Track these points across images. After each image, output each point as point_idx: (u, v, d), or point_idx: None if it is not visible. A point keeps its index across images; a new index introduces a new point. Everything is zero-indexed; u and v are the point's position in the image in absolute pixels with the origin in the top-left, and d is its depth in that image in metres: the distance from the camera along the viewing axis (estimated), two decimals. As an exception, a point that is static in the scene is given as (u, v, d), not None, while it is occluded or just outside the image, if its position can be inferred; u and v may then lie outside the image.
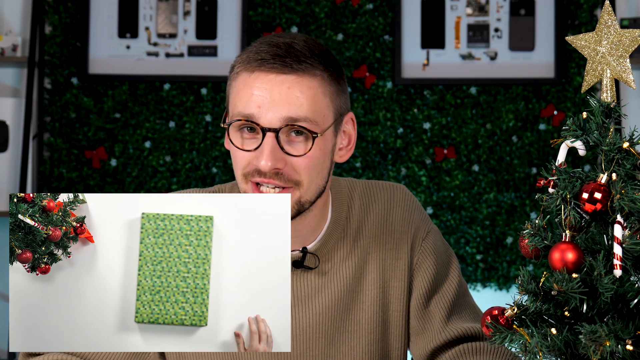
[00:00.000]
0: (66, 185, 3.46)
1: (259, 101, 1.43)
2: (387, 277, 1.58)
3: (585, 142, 1.15)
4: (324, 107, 1.46)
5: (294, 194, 1.45)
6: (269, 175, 1.43)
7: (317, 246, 1.56)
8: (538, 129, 3.45)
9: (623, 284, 1.10)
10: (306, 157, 1.44)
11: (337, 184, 1.61)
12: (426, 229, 1.62)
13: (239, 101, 1.45)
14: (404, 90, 3.49)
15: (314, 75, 1.45)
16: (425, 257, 1.60)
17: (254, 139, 1.44)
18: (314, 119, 1.44)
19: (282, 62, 1.43)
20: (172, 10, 3.52)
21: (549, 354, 1.12)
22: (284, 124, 1.42)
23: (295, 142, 1.44)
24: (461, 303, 1.61)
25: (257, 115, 1.42)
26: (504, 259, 3.45)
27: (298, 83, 1.43)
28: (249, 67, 1.45)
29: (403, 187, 1.65)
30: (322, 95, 1.46)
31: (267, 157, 1.41)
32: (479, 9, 3.51)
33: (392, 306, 1.59)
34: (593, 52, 1.17)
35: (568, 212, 1.12)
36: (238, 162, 1.46)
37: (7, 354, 3.42)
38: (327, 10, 3.49)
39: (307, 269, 1.55)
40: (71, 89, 3.48)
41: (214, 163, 3.48)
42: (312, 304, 1.55)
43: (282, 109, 1.42)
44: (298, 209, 1.46)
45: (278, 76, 1.43)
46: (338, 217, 1.58)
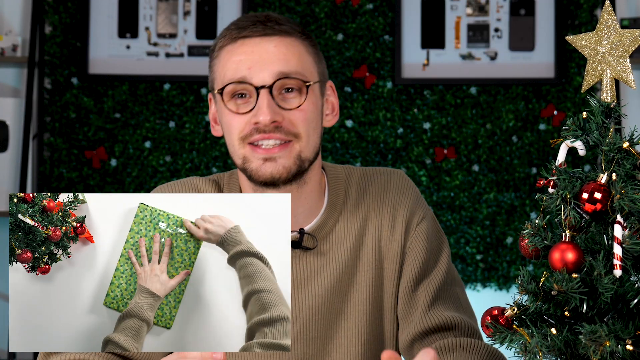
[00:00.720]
0: (66, 185, 3.46)
1: (248, 63, 1.47)
2: (381, 258, 1.59)
3: (585, 142, 1.15)
4: (310, 64, 1.52)
5: (294, 148, 1.48)
6: (268, 129, 1.46)
7: (314, 227, 1.56)
8: (538, 129, 3.45)
9: (623, 284, 1.10)
10: (301, 109, 1.48)
11: (334, 169, 1.63)
12: (422, 214, 1.62)
13: (227, 70, 1.49)
14: (404, 90, 3.49)
15: (295, 37, 1.51)
16: (417, 242, 1.60)
17: (246, 103, 1.48)
18: (303, 73, 1.49)
19: (263, 26, 1.49)
20: (172, 10, 3.52)
21: (549, 354, 1.12)
22: (276, 79, 1.46)
23: (288, 98, 1.49)
24: (447, 291, 1.60)
25: (249, 76, 1.47)
26: (504, 259, 3.45)
27: (282, 42, 1.49)
28: (231, 38, 1.50)
29: (400, 172, 1.66)
30: (307, 54, 1.52)
31: (266, 110, 1.45)
32: (479, 9, 3.51)
33: (386, 288, 1.59)
34: (593, 52, 1.17)
35: (568, 212, 1.12)
36: (234, 128, 1.50)
37: (7, 354, 3.42)
38: (327, 10, 3.49)
39: (305, 249, 1.55)
40: (71, 89, 3.48)
41: (214, 163, 3.48)
42: (312, 286, 1.55)
43: (272, 66, 1.47)
44: (299, 164, 1.49)
45: (262, 38, 1.49)
46: (335, 200, 1.59)
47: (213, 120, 1.59)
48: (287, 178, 1.49)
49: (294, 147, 1.48)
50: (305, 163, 1.50)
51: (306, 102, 1.49)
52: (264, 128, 1.46)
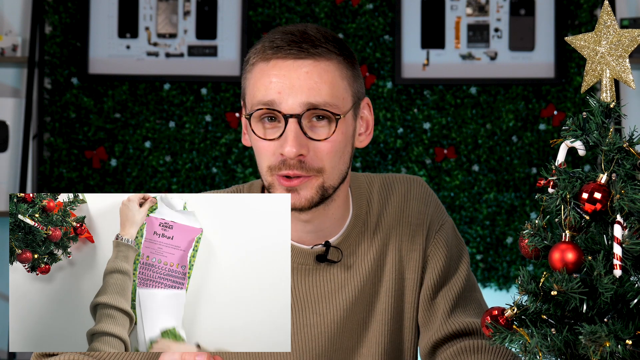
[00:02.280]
0: (66, 185, 3.46)
1: (278, 87, 1.43)
2: (402, 268, 1.59)
3: (585, 142, 1.15)
4: (343, 90, 1.47)
5: (315, 181, 1.45)
6: (292, 165, 1.43)
7: (339, 240, 1.56)
8: (538, 129, 3.45)
9: (623, 284, 1.10)
10: (329, 141, 1.45)
11: (355, 179, 1.62)
12: (440, 222, 1.63)
13: (257, 90, 1.45)
14: (404, 90, 3.49)
15: (330, 60, 1.46)
16: (437, 250, 1.60)
17: (275, 127, 1.45)
18: (334, 102, 1.45)
19: (298, 48, 1.44)
20: (172, 10, 3.52)
21: (548, 354, 1.12)
22: (305, 109, 1.43)
23: (318, 127, 1.45)
24: (467, 297, 1.61)
25: (277, 102, 1.43)
26: (504, 259, 3.45)
27: (316, 67, 1.44)
28: (265, 57, 1.46)
29: (420, 180, 1.66)
30: (340, 78, 1.46)
31: (292, 142, 1.42)
32: (479, 9, 3.51)
33: (406, 297, 1.59)
34: (592, 52, 1.17)
35: (568, 212, 1.12)
36: (262, 154, 1.47)
37: (7, 354, 3.42)
38: (327, 10, 3.49)
39: (330, 262, 1.55)
40: (71, 89, 3.48)
41: (213, 163, 3.48)
42: (337, 299, 1.55)
43: (302, 95, 1.43)
44: (322, 194, 1.47)
45: (295, 62, 1.44)
46: (359, 211, 1.59)
47: (245, 127, 1.55)
48: (310, 207, 1.47)
49: (317, 179, 1.46)
50: (329, 190, 1.48)
51: (335, 133, 1.45)
52: (289, 162, 1.43)
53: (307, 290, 1.55)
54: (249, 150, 3.47)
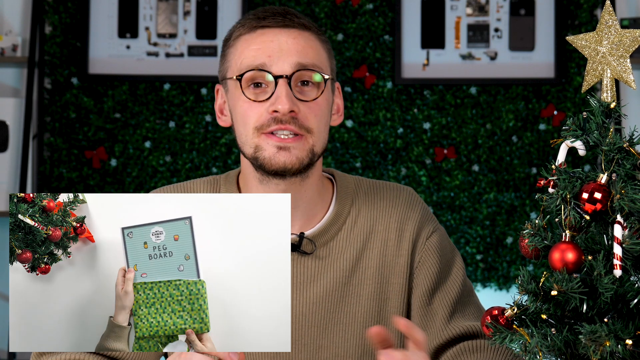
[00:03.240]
0: (66, 185, 3.46)
1: (268, 51, 1.48)
2: (386, 273, 1.58)
3: (585, 142, 1.15)
4: (325, 60, 1.54)
5: (306, 142, 1.49)
6: (285, 119, 1.46)
7: (315, 233, 1.57)
8: (538, 129, 3.45)
9: (623, 284, 1.10)
10: (317, 102, 1.50)
11: (344, 179, 1.63)
12: (431, 229, 1.63)
13: (245, 57, 1.50)
14: (404, 90, 3.49)
15: (311, 31, 1.53)
16: (428, 255, 1.60)
17: (263, 92, 1.49)
18: (320, 66, 1.51)
19: (283, 17, 1.51)
20: (172, 10, 3.53)
21: (548, 354, 1.12)
22: (295, 69, 1.48)
23: (305, 90, 1.50)
24: (465, 301, 1.61)
25: (268, 64, 1.48)
26: (504, 259, 3.45)
27: (301, 34, 1.51)
28: (250, 27, 1.51)
29: (410, 189, 1.67)
30: (322, 49, 1.54)
31: (285, 99, 1.46)
32: (479, 9, 3.51)
33: (391, 302, 1.58)
34: (593, 52, 1.17)
35: (568, 212, 1.12)
36: (249, 117, 1.49)
37: (7, 354, 3.42)
38: (327, 10, 3.49)
39: (302, 253, 1.55)
40: (71, 89, 3.48)
41: (214, 163, 3.48)
42: (307, 291, 1.55)
43: (291, 56, 1.48)
44: (310, 157, 1.50)
45: (282, 30, 1.50)
46: (341, 209, 1.59)
47: (219, 111, 1.60)
48: (298, 169, 1.50)
49: (307, 140, 1.49)
50: (316, 157, 1.51)
51: (322, 96, 1.50)
52: (282, 117, 1.46)
53: None
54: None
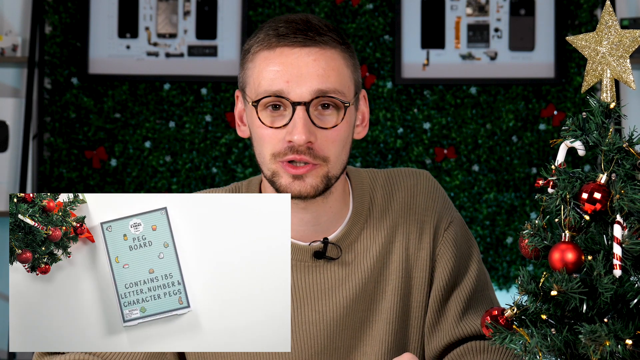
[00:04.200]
0: (66, 185, 3.46)
1: (286, 77, 1.42)
2: (409, 266, 1.56)
3: (584, 142, 1.15)
4: (347, 79, 1.47)
5: (321, 170, 1.45)
6: (301, 150, 1.42)
7: (338, 237, 1.54)
8: (538, 129, 3.45)
9: (623, 284, 1.10)
10: (336, 129, 1.44)
11: (357, 175, 1.60)
12: (449, 219, 1.60)
13: (263, 79, 1.44)
14: (404, 90, 3.49)
15: (335, 48, 1.46)
16: (446, 249, 1.57)
17: (281, 116, 1.44)
18: (342, 90, 1.45)
19: (304, 36, 1.43)
20: (172, 10, 3.53)
21: (548, 354, 1.12)
22: (314, 97, 1.42)
23: (325, 115, 1.45)
24: (479, 298, 1.58)
25: (286, 91, 1.42)
26: (504, 259, 3.45)
27: (322, 55, 1.44)
28: (270, 45, 1.44)
29: (427, 174, 1.63)
30: (345, 67, 1.47)
31: (302, 130, 1.41)
32: (479, 9, 3.51)
33: (413, 297, 1.56)
34: (593, 52, 1.17)
35: (568, 212, 1.12)
36: (266, 142, 1.45)
37: (7, 354, 3.42)
38: (327, 10, 3.49)
39: (328, 259, 1.53)
40: (71, 89, 3.48)
41: (214, 163, 3.48)
42: (336, 296, 1.53)
43: (311, 82, 1.42)
44: (326, 183, 1.46)
45: (302, 49, 1.43)
46: (360, 207, 1.57)
47: (239, 118, 1.54)
48: (314, 196, 1.47)
49: (322, 169, 1.45)
50: (333, 180, 1.48)
51: (342, 122, 1.45)
52: (298, 148, 1.42)
53: (305, 287, 1.53)
54: (249, 150, 3.47)
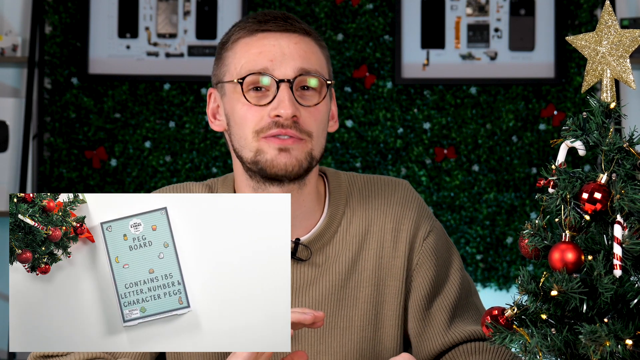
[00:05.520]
0: (66, 185, 3.46)
1: (269, 55, 1.47)
2: (382, 275, 1.56)
3: (585, 142, 1.15)
4: (324, 65, 1.53)
5: (305, 146, 1.48)
6: (286, 125, 1.45)
7: (310, 238, 1.54)
8: (538, 129, 3.45)
9: (623, 284, 1.10)
10: (317, 107, 1.49)
11: (336, 177, 1.60)
12: (428, 228, 1.59)
13: (245, 61, 1.48)
14: (404, 90, 3.49)
15: (311, 37, 1.52)
16: (425, 259, 1.57)
17: (264, 96, 1.47)
18: (321, 72, 1.50)
19: (284, 22, 1.50)
20: (172, 10, 3.53)
21: (548, 354, 1.12)
22: (298, 74, 1.46)
23: (306, 95, 1.49)
24: (464, 305, 1.58)
25: (270, 68, 1.46)
26: (504, 259, 3.45)
27: (303, 40, 1.50)
28: (250, 31, 1.50)
29: (405, 183, 1.63)
30: (322, 55, 1.53)
31: (288, 104, 1.45)
32: (479, 9, 3.51)
33: (387, 305, 1.56)
34: (593, 52, 1.17)
35: (568, 212, 1.12)
36: (249, 120, 1.48)
37: (7, 354, 3.42)
38: (327, 10, 3.49)
39: (298, 260, 1.54)
40: (71, 89, 3.48)
41: (213, 163, 3.48)
42: (303, 297, 1.53)
43: (294, 61, 1.47)
44: (309, 161, 1.49)
45: (283, 34, 1.49)
46: (335, 211, 1.57)
47: (212, 115, 1.57)
48: (298, 173, 1.48)
49: (306, 144, 1.48)
50: (314, 162, 1.50)
51: (323, 101, 1.49)
52: (284, 122, 1.45)
53: None
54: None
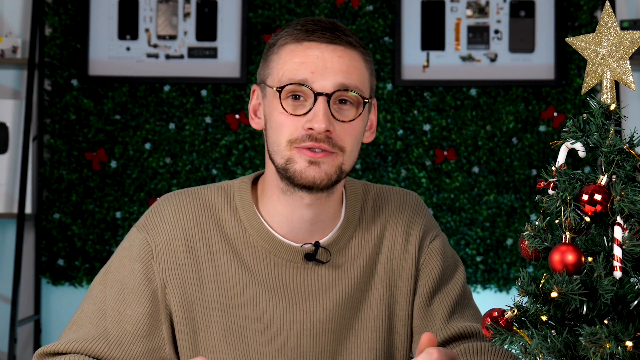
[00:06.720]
0: (66, 186, 3.46)
1: (311, 67, 1.47)
2: (394, 276, 1.60)
3: (585, 143, 1.15)
4: (366, 80, 1.52)
5: (336, 159, 1.48)
6: (319, 138, 1.46)
7: (329, 241, 1.57)
8: (538, 130, 3.45)
9: (623, 286, 1.10)
10: (353, 123, 1.49)
11: (352, 184, 1.64)
12: (435, 233, 1.65)
13: (287, 69, 1.48)
14: (404, 91, 3.49)
15: (357, 50, 1.51)
16: (431, 258, 1.62)
17: (301, 105, 1.48)
18: (362, 88, 1.50)
19: (331, 34, 1.49)
20: (172, 12, 3.53)
21: (549, 355, 1.12)
22: (336, 89, 1.47)
23: (343, 110, 1.49)
24: (464, 304, 1.63)
25: (310, 80, 1.47)
26: (504, 260, 3.44)
27: (347, 54, 1.49)
28: (297, 38, 1.49)
29: (415, 195, 1.68)
30: (365, 69, 1.52)
31: (322, 118, 1.45)
32: (479, 10, 3.51)
33: (399, 305, 1.60)
34: (593, 53, 1.17)
35: (568, 214, 1.12)
36: (284, 128, 1.48)
37: (7, 354, 3.42)
38: (327, 12, 3.49)
39: (318, 262, 1.55)
40: (71, 91, 3.48)
41: (214, 165, 3.48)
42: (324, 299, 1.56)
43: (335, 76, 1.47)
44: (338, 175, 1.49)
45: (328, 46, 1.48)
46: (351, 216, 1.60)
47: (253, 112, 1.57)
48: (326, 185, 1.49)
49: (337, 158, 1.48)
50: (344, 175, 1.51)
51: (359, 117, 1.49)
52: (317, 135, 1.45)
53: (294, 287, 1.55)
54: (249, 151, 3.47)
